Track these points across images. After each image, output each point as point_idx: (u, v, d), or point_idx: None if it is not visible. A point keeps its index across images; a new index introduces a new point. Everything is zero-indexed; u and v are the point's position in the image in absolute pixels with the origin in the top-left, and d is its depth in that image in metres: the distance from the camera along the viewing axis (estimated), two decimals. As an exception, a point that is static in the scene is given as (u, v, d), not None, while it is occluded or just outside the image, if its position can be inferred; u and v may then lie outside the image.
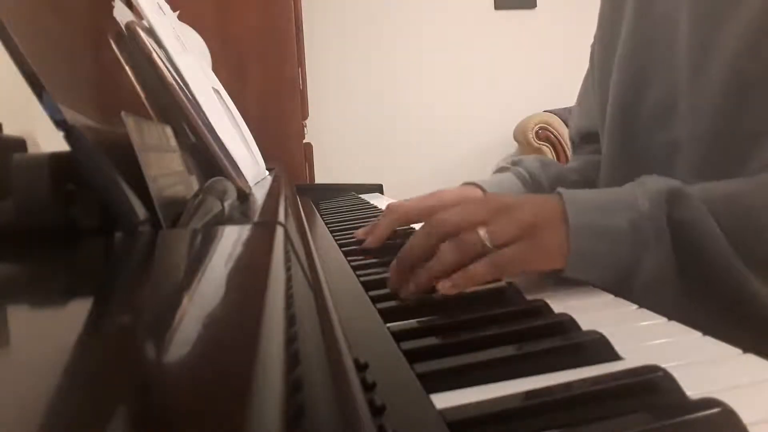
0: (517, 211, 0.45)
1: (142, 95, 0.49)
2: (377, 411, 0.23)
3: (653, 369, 0.29)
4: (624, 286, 0.44)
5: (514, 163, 0.82)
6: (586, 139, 0.85)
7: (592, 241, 0.44)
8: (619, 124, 0.72)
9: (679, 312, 0.39)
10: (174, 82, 0.52)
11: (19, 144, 0.40)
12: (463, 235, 0.44)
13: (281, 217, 0.42)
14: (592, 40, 0.82)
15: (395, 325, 0.38)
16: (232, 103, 0.89)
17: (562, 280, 0.46)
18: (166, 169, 0.39)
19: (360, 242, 0.68)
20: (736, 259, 0.44)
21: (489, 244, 0.43)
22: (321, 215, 1.01)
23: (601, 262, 0.44)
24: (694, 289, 0.45)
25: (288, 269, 0.26)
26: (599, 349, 0.33)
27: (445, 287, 0.42)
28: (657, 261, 0.44)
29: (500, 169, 0.83)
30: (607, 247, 0.44)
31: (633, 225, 0.45)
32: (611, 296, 0.44)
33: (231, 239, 0.30)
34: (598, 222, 0.45)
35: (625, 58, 0.70)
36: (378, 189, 1.41)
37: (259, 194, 0.59)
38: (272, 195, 0.59)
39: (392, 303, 0.44)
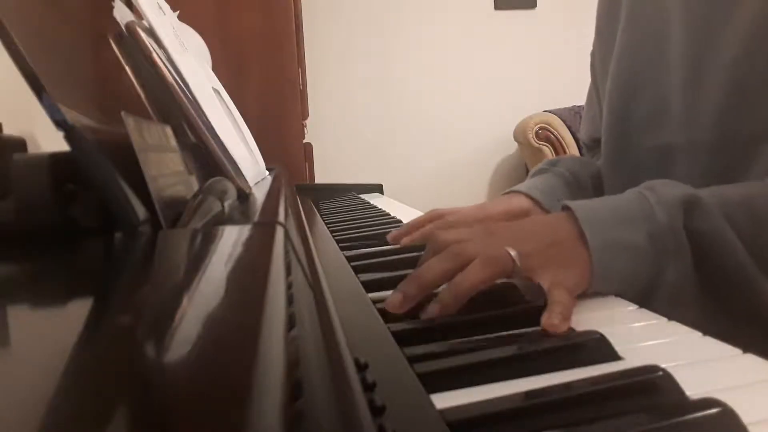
0: (541, 240, 0.44)
1: (142, 95, 0.49)
2: (377, 411, 0.23)
3: (653, 369, 0.29)
4: (647, 299, 0.44)
5: (553, 164, 0.80)
6: (597, 142, 0.85)
7: (613, 258, 0.43)
8: (614, 130, 0.72)
9: (702, 322, 0.38)
10: (174, 82, 0.52)
11: (19, 144, 0.40)
12: (492, 251, 0.43)
13: (281, 217, 0.42)
14: (592, 40, 0.82)
15: (395, 325, 0.38)
16: (232, 103, 0.89)
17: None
18: (166, 169, 0.39)
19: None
20: (753, 266, 0.44)
21: (518, 262, 0.42)
22: (321, 215, 1.01)
23: (624, 278, 0.44)
24: (714, 298, 0.45)
25: (288, 269, 0.26)
26: (599, 349, 0.33)
27: (551, 324, 0.37)
28: (678, 273, 0.44)
29: (538, 171, 0.80)
30: (629, 263, 0.44)
31: (652, 238, 0.44)
32: (611, 296, 0.44)
33: (231, 239, 0.30)
34: (617, 238, 0.44)
35: (618, 66, 0.70)
36: (378, 189, 1.41)
37: (259, 194, 0.59)
38: (272, 195, 0.59)
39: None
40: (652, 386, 0.28)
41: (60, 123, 0.29)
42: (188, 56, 0.62)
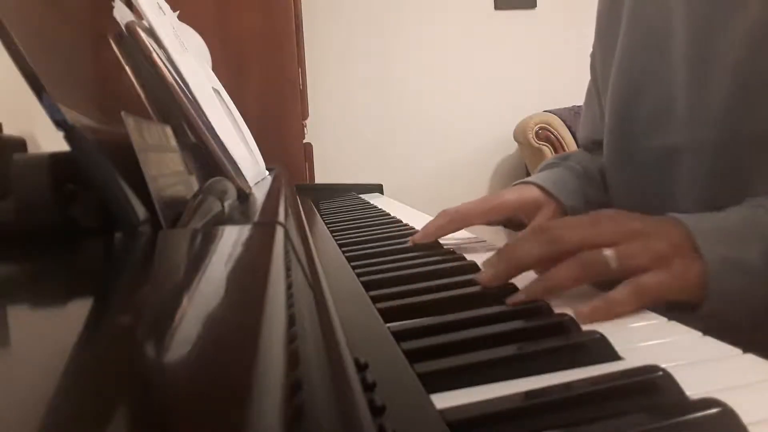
0: (649, 239, 0.42)
1: (142, 95, 0.49)
2: (377, 411, 0.23)
3: (653, 369, 0.29)
4: (763, 325, 0.42)
5: (564, 158, 0.79)
6: (596, 143, 0.84)
7: (730, 275, 0.41)
8: (617, 131, 0.71)
9: None
10: (174, 82, 0.52)
11: (19, 144, 0.40)
12: (588, 253, 0.41)
13: (281, 217, 0.42)
14: (592, 40, 0.82)
15: (395, 325, 0.38)
16: (232, 103, 0.89)
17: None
18: (166, 169, 0.39)
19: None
20: None
21: (614, 265, 0.41)
22: (321, 215, 1.01)
23: (740, 297, 0.41)
24: None
25: (288, 269, 0.26)
26: (599, 349, 0.33)
27: (584, 314, 0.38)
28: None
29: (549, 165, 0.79)
30: (745, 281, 0.41)
31: (766, 258, 0.41)
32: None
33: (231, 239, 0.30)
34: (732, 255, 0.41)
35: (620, 67, 0.70)
36: (378, 189, 1.41)
37: (259, 194, 0.59)
38: (272, 195, 0.59)
39: (392, 303, 0.44)
40: (652, 386, 0.28)
41: (60, 123, 0.29)
42: (188, 56, 0.62)
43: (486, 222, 0.68)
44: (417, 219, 0.89)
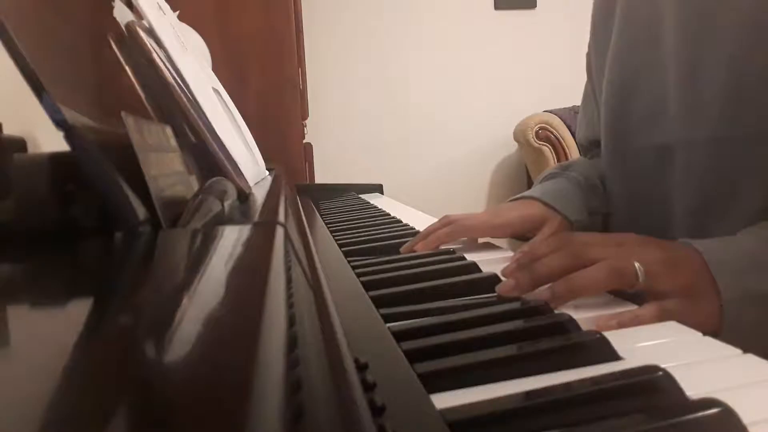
0: (673, 266, 0.43)
1: (142, 95, 0.49)
2: (377, 411, 0.23)
3: (653, 369, 0.29)
4: None
5: (565, 168, 0.79)
6: (594, 143, 0.84)
7: (746, 307, 0.42)
8: (612, 130, 0.71)
9: None
10: (174, 82, 0.52)
11: (19, 144, 0.40)
12: (619, 260, 0.42)
13: (281, 217, 0.42)
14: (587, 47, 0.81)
15: (395, 325, 0.38)
16: (232, 103, 0.89)
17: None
18: (166, 169, 0.39)
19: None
20: None
21: (642, 279, 0.41)
22: (321, 215, 1.01)
23: (757, 328, 0.42)
24: None
25: (288, 269, 0.26)
26: (599, 349, 0.33)
27: (609, 324, 0.39)
28: None
29: (550, 175, 0.78)
30: (762, 313, 0.42)
31: None
32: (611, 296, 0.44)
33: (231, 239, 0.30)
34: (749, 286, 0.42)
35: (614, 66, 0.70)
36: (378, 189, 1.41)
37: (259, 194, 0.59)
38: (272, 195, 0.59)
39: (392, 303, 0.44)
40: (652, 386, 0.28)
41: (60, 123, 0.29)
42: (188, 56, 0.62)
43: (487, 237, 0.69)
44: (417, 219, 0.89)
